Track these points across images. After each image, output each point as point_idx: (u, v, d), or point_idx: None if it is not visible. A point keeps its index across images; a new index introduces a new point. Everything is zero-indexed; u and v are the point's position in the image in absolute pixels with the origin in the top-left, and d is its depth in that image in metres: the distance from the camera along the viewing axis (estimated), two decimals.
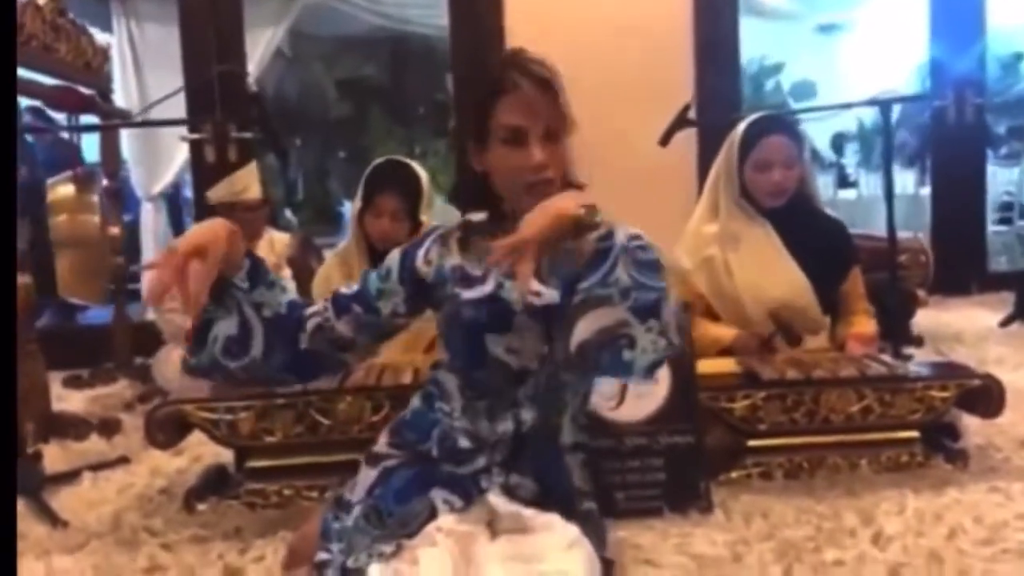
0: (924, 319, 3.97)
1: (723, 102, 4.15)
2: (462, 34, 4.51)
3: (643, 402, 1.98)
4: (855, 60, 8.69)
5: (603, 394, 1.96)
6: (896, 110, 3.52)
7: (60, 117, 4.01)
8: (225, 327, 1.46)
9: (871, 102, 2.91)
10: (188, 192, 6.03)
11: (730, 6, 4.47)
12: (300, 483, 2.09)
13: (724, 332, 2.37)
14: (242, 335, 1.47)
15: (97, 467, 2.46)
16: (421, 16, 6.18)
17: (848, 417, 2.09)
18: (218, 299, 1.46)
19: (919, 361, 2.27)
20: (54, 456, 2.67)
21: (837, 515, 1.83)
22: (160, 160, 5.57)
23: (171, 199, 5.67)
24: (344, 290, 1.58)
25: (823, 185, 7.69)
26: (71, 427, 2.89)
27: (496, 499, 1.40)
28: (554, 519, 1.37)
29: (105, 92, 3.73)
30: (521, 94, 1.41)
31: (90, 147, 4.23)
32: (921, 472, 2.08)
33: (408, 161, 2.51)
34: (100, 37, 5.09)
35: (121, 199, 3.75)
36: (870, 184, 7.72)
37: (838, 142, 8.18)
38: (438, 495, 1.38)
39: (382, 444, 1.55)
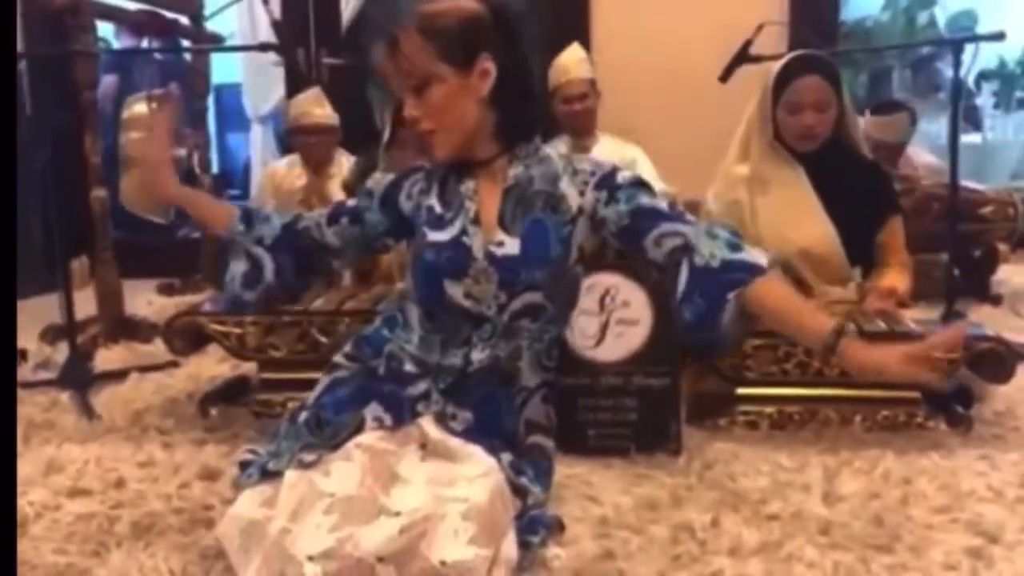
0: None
1: (815, 35, 3.94)
2: None
3: (622, 342, 1.97)
4: None
5: (583, 333, 1.98)
6: None
7: None
8: (236, 267, 1.67)
9: (938, 41, 2.70)
10: None
11: None
12: (302, 396, 2.20)
13: None
14: (253, 268, 1.66)
15: (145, 369, 2.67)
16: None
17: (842, 372, 2.02)
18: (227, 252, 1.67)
19: (931, 320, 2.15)
20: (120, 356, 2.93)
21: (801, 469, 1.80)
22: (266, 83, 5.78)
23: (278, 121, 5.87)
24: (349, 203, 1.72)
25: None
26: (139, 330, 3.14)
27: (428, 425, 1.47)
28: (476, 451, 1.43)
29: (195, 17, 3.90)
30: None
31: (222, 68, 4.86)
32: (917, 434, 2.00)
33: None
34: None
35: (205, 120, 3.93)
36: (1006, 129, 7.09)
37: (978, 81, 7.51)
38: (372, 410, 1.46)
39: (340, 355, 1.64)
